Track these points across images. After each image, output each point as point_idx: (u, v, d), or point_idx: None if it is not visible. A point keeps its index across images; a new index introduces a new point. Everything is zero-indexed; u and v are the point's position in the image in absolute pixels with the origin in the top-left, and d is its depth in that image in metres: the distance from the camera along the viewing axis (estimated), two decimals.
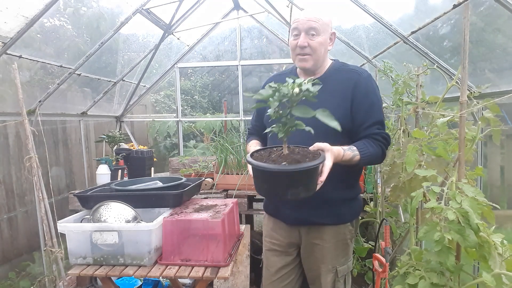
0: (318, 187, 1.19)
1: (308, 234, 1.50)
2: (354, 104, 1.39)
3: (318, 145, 1.24)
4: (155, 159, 3.37)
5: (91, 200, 1.73)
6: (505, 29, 1.67)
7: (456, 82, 1.25)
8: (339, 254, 1.47)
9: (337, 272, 1.47)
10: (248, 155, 1.23)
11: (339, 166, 1.30)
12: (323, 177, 1.18)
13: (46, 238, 2.27)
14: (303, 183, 1.16)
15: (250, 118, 1.95)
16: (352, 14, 2.48)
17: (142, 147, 4.01)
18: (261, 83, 4.51)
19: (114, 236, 1.51)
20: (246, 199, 2.74)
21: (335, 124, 1.00)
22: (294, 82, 1.05)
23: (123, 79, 3.63)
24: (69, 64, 2.72)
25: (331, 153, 1.22)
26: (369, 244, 2.30)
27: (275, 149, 1.26)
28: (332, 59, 1.59)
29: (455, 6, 1.64)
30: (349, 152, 1.31)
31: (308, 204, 1.43)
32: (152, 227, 1.50)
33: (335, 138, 1.27)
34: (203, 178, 2.49)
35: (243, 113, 4.25)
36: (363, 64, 3.11)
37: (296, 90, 1.02)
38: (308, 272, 1.55)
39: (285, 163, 1.12)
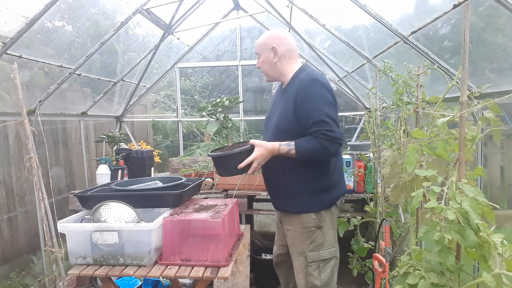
0: (250, 171, 1.64)
1: (283, 220, 1.81)
2: (297, 109, 1.63)
3: (251, 141, 1.67)
4: (159, 160, 3.37)
5: (91, 200, 1.73)
6: (505, 29, 1.67)
7: (456, 82, 1.25)
8: (305, 240, 1.70)
9: (307, 257, 1.69)
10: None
11: (299, 164, 1.63)
12: (241, 164, 1.61)
13: (46, 238, 2.27)
14: (222, 166, 1.69)
15: (250, 118, 2.21)
16: (352, 14, 2.48)
17: (143, 144, 4.01)
18: (261, 83, 4.51)
19: (114, 236, 1.51)
20: (246, 199, 2.74)
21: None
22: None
23: (123, 79, 3.63)
24: (69, 64, 2.72)
25: (260, 148, 1.63)
26: (369, 244, 2.30)
27: (236, 144, 1.73)
28: (302, 65, 1.81)
29: (455, 6, 1.64)
30: (285, 146, 1.62)
31: (275, 193, 1.82)
32: (152, 227, 1.50)
33: (285, 137, 1.64)
34: (203, 178, 2.49)
35: (243, 113, 4.24)
36: (363, 64, 3.11)
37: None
38: (291, 256, 1.80)
39: (218, 152, 1.67)
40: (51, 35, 2.51)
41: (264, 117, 1.98)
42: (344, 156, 2.82)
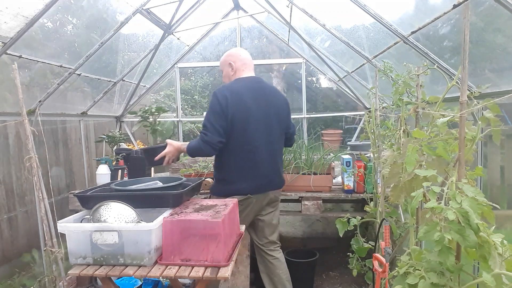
0: (164, 163, 2.21)
1: None
2: None
3: (167, 140, 2.21)
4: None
5: (91, 200, 1.73)
6: (505, 29, 1.67)
7: (456, 82, 1.25)
8: None
9: None
10: None
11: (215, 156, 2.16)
12: (157, 157, 2.17)
13: (46, 238, 2.27)
14: (146, 158, 2.31)
15: None
16: (352, 14, 2.48)
17: (140, 144, 4.00)
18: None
19: (114, 236, 1.51)
20: None
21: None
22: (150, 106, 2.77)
23: (123, 79, 3.63)
24: (69, 64, 2.72)
25: (170, 146, 2.16)
26: (369, 244, 2.30)
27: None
28: (245, 77, 2.19)
29: (455, 6, 1.64)
30: (184, 144, 2.14)
31: None
32: (152, 227, 1.50)
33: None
34: (203, 178, 2.48)
35: None
36: (363, 64, 3.11)
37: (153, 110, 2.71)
38: None
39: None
40: (51, 35, 2.51)
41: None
42: (344, 156, 2.83)
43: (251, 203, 2.18)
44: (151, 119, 2.46)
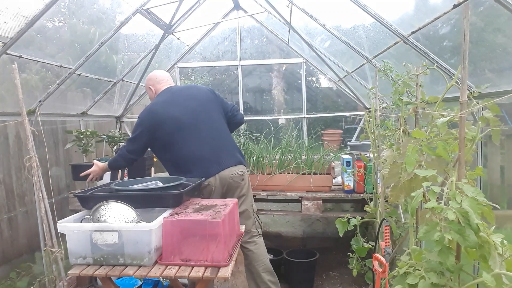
0: (88, 180, 2.51)
1: None
2: None
3: (93, 160, 2.57)
4: (155, 159, 3.37)
5: (91, 200, 1.73)
6: (505, 29, 1.67)
7: (456, 82, 1.25)
8: None
9: None
10: None
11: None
12: (82, 174, 2.50)
13: (46, 238, 2.27)
14: (72, 172, 2.75)
15: (250, 118, 2.58)
16: (352, 14, 2.48)
17: None
18: (261, 83, 4.52)
19: (114, 236, 1.51)
20: None
21: None
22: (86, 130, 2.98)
23: (123, 79, 3.63)
24: (69, 64, 2.72)
25: (95, 166, 2.47)
26: (369, 244, 2.30)
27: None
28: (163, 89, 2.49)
29: (455, 6, 1.64)
30: (106, 164, 2.45)
31: None
32: (152, 227, 1.50)
33: None
34: (203, 178, 2.48)
35: (243, 113, 4.24)
36: (363, 64, 3.11)
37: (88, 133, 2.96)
38: None
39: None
40: (51, 35, 2.51)
41: (264, 117, 2.21)
42: (344, 156, 2.83)
43: (211, 191, 2.25)
44: (84, 141, 2.80)
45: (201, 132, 2.29)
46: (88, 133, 2.78)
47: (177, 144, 2.25)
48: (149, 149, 3.17)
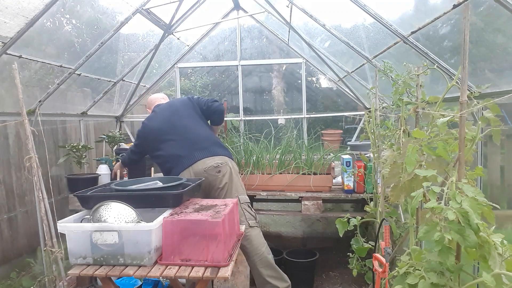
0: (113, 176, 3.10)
1: None
2: None
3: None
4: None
5: (91, 200, 1.73)
6: (505, 29, 1.67)
7: (456, 82, 1.25)
8: None
9: None
10: None
11: None
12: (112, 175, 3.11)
13: (46, 238, 2.27)
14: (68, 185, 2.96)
15: (250, 118, 2.94)
16: (352, 14, 2.48)
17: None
18: (261, 83, 4.52)
19: (114, 236, 1.51)
20: None
21: None
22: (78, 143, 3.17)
23: (123, 79, 3.63)
24: (69, 64, 2.72)
25: (116, 165, 3.10)
26: (369, 244, 2.30)
27: None
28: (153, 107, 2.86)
29: (455, 6, 1.64)
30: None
31: None
32: (152, 227, 1.50)
33: None
34: (203, 178, 2.48)
35: (243, 113, 4.25)
36: (363, 64, 3.11)
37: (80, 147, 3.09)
38: None
39: None
40: (51, 35, 2.51)
41: (264, 117, 2.22)
42: (344, 156, 2.83)
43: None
44: (78, 153, 3.00)
45: (176, 136, 2.55)
46: (80, 147, 2.98)
47: (160, 150, 2.56)
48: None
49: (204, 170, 2.40)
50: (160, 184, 1.94)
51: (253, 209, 2.54)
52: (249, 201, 2.53)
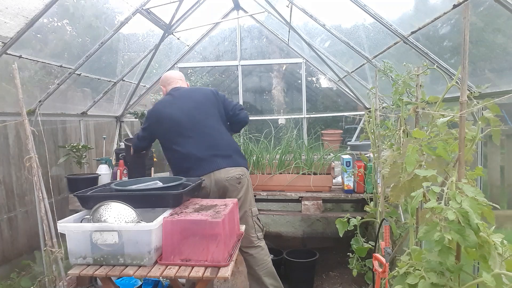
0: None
1: None
2: None
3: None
4: (155, 159, 3.38)
5: (91, 200, 1.73)
6: (505, 29, 1.67)
7: (456, 82, 1.25)
8: None
9: None
10: None
11: None
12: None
13: (46, 238, 2.27)
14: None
15: (250, 118, 2.67)
16: (352, 14, 2.48)
17: None
18: (261, 83, 4.52)
19: (114, 236, 1.51)
20: None
21: None
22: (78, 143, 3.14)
23: (123, 79, 3.63)
24: (69, 64, 2.72)
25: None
26: (369, 244, 2.30)
27: None
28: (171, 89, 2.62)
29: (455, 6, 1.64)
30: None
31: None
32: (152, 227, 1.50)
33: None
34: (203, 178, 2.48)
35: None
36: (363, 64, 3.11)
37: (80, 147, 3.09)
38: None
39: None
40: (51, 35, 2.51)
41: (264, 117, 2.23)
42: (344, 156, 2.83)
43: (207, 194, 2.30)
44: (78, 153, 3.00)
45: (197, 133, 2.35)
46: (80, 147, 2.96)
47: (174, 144, 2.36)
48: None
49: (226, 179, 2.31)
50: (160, 184, 1.94)
51: (261, 221, 2.50)
52: (258, 212, 2.49)
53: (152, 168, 3.20)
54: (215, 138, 2.38)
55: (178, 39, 3.95)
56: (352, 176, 2.69)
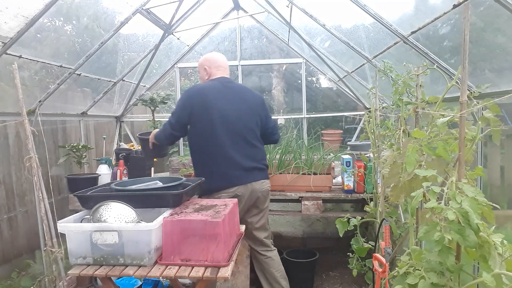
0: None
1: None
2: None
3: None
4: (155, 159, 3.37)
5: (91, 200, 1.73)
6: (505, 29, 1.67)
7: (456, 82, 1.25)
8: None
9: None
10: None
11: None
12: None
13: (46, 238, 2.27)
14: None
15: None
16: (352, 14, 2.48)
17: (132, 146, 3.99)
18: (261, 83, 4.52)
19: (114, 236, 1.51)
20: None
21: None
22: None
23: (123, 79, 3.63)
24: (69, 64, 2.72)
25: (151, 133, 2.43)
26: (369, 244, 2.30)
27: None
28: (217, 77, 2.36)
29: (455, 6, 1.64)
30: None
31: None
32: (152, 227, 1.50)
33: None
34: (203, 178, 2.48)
35: None
36: (363, 64, 3.11)
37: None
38: None
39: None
40: (51, 35, 2.51)
41: None
42: (344, 156, 2.83)
43: (240, 202, 2.19)
44: (78, 153, 2.99)
45: (241, 138, 2.22)
46: (80, 147, 2.95)
47: (212, 137, 2.15)
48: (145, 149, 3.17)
49: (260, 191, 2.30)
50: (160, 184, 1.94)
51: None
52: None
53: (152, 168, 3.20)
54: (254, 149, 2.30)
55: (178, 39, 3.95)
56: (352, 176, 2.69)
